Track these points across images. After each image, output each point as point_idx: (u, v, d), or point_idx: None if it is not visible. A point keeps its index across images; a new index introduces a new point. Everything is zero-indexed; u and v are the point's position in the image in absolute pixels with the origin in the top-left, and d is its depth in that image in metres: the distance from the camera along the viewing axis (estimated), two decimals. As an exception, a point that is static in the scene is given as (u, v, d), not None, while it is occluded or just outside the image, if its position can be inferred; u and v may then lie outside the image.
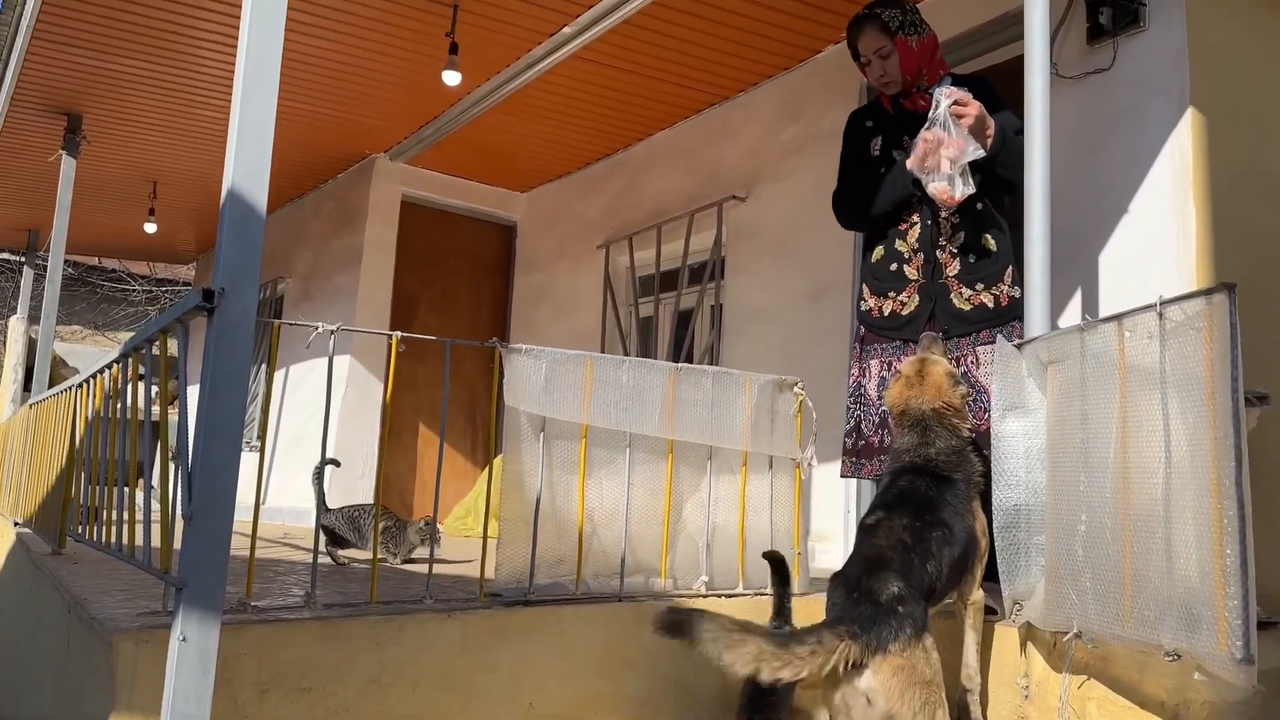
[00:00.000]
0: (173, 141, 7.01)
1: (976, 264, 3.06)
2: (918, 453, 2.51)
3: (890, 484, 2.48)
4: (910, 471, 2.48)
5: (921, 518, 2.35)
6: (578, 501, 2.93)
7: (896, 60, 3.15)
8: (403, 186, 7.45)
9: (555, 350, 2.93)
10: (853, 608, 2.13)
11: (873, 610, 2.10)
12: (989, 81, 3.26)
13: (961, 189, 2.88)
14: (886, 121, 3.29)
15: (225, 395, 1.89)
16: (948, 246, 3.08)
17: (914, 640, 2.09)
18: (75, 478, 3.63)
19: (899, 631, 2.09)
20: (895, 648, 2.09)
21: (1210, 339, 1.88)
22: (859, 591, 2.16)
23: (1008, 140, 3.01)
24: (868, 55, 3.20)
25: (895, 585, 2.17)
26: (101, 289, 16.24)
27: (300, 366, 7.63)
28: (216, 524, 1.85)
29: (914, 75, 3.18)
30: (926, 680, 2.12)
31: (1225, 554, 1.77)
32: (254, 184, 1.98)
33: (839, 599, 2.20)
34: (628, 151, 6.77)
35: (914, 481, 2.46)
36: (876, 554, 2.26)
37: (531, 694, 2.62)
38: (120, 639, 2.09)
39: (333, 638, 2.36)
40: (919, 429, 2.55)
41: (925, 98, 3.14)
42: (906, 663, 2.10)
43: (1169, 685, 2.22)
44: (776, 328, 5.29)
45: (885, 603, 2.13)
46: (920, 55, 3.17)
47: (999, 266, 3.08)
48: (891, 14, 3.15)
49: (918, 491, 2.43)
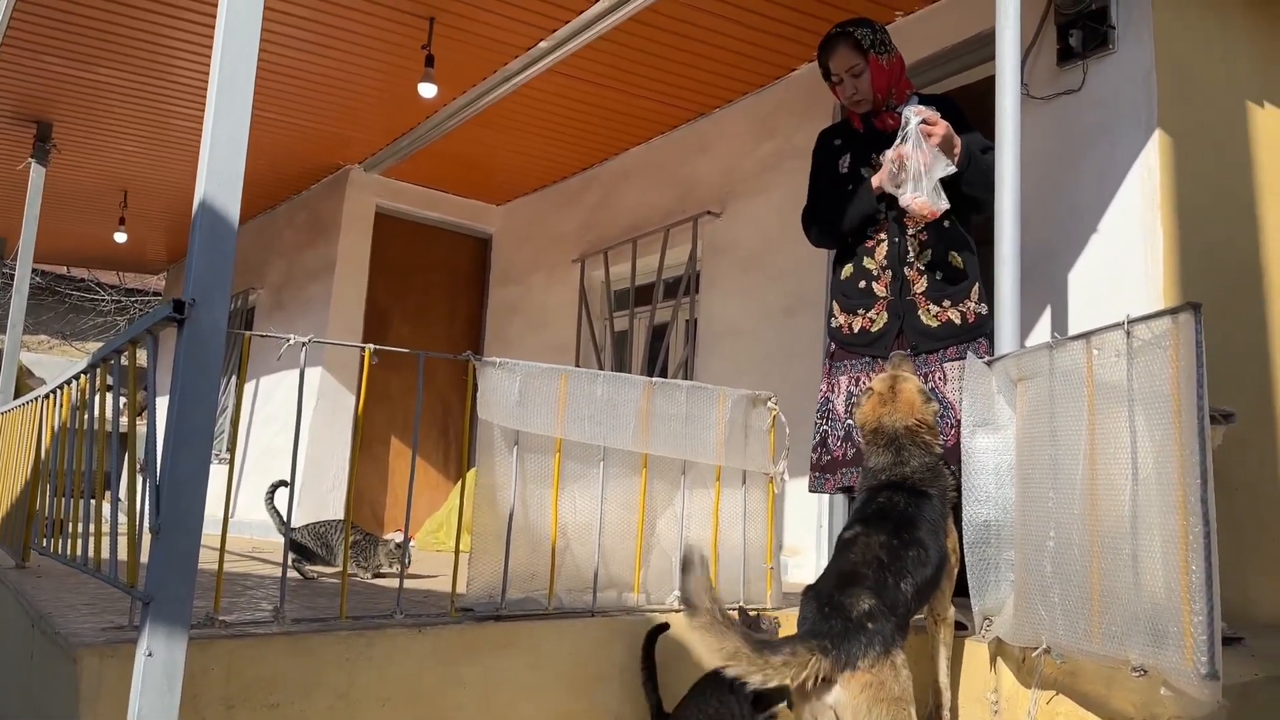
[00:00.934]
0: (145, 151, 6.96)
1: (944, 281, 3.09)
2: (894, 471, 2.52)
3: (869, 499, 2.48)
4: (889, 488, 2.48)
5: (899, 535, 2.36)
6: (551, 516, 2.92)
7: (868, 78, 3.20)
8: (377, 198, 7.43)
9: (529, 364, 2.93)
10: (823, 622, 2.13)
11: (843, 626, 2.10)
12: (956, 102, 3.30)
13: (939, 203, 2.91)
14: (855, 140, 3.33)
15: (194, 408, 1.87)
16: (915, 264, 3.11)
17: (883, 657, 2.10)
18: (40, 490, 3.57)
19: (868, 648, 2.09)
20: (864, 664, 2.09)
21: (1177, 357, 1.90)
22: (830, 606, 2.16)
23: (975, 159, 3.05)
24: (839, 73, 3.24)
25: (867, 602, 2.17)
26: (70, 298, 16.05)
27: (271, 378, 7.57)
28: (184, 538, 1.83)
29: (884, 94, 3.22)
30: (895, 697, 2.12)
31: (1191, 570, 1.79)
32: (226, 194, 1.96)
33: (810, 613, 2.19)
34: (603, 166, 6.79)
35: (893, 498, 2.46)
36: (851, 569, 2.26)
37: (503, 710, 2.60)
38: (85, 654, 2.06)
39: (301, 653, 2.34)
40: (893, 447, 2.55)
41: (894, 116, 3.19)
42: (875, 679, 2.11)
43: (1136, 700, 2.23)
44: (750, 343, 5.31)
45: (856, 619, 2.13)
46: (890, 74, 3.22)
47: (966, 284, 3.12)
48: (863, 32, 3.20)
49: (897, 509, 2.43)
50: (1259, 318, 3.77)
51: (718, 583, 3.20)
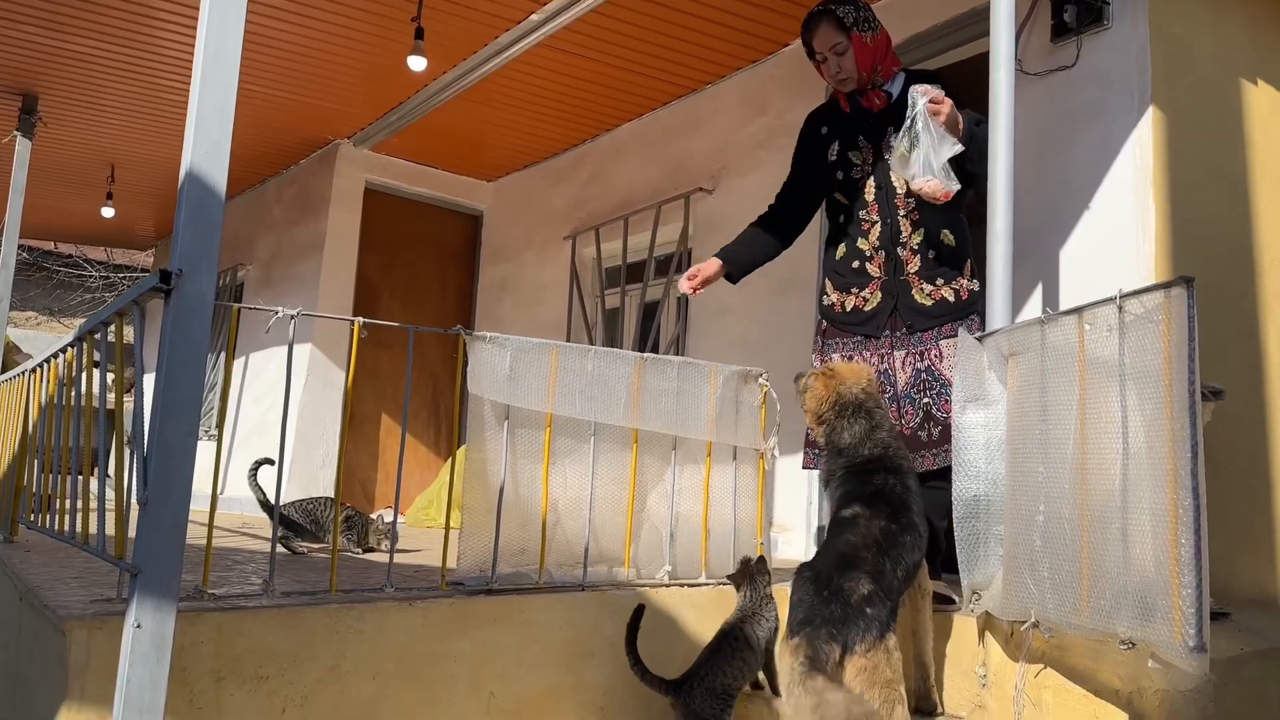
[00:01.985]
0: (132, 124, 6.89)
1: (936, 260, 3.07)
2: (873, 439, 2.52)
3: (862, 479, 2.47)
4: (880, 468, 2.49)
5: (897, 519, 2.38)
6: (541, 491, 2.91)
7: (852, 56, 3.13)
8: (367, 173, 7.37)
9: (520, 339, 2.92)
10: (823, 606, 2.16)
11: (843, 610, 2.14)
12: (943, 78, 3.27)
13: (950, 184, 2.87)
14: (842, 124, 3.26)
15: (181, 379, 1.86)
16: (908, 244, 3.09)
17: (878, 642, 2.14)
18: (28, 465, 3.55)
19: (865, 633, 2.14)
20: (860, 649, 2.13)
21: (1168, 332, 1.90)
22: (829, 590, 2.18)
23: (974, 135, 3.02)
24: (823, 52, 3.19)
25: (866, 586, 2.20)
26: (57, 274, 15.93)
27: (260, 354, 7.54)
28: (172, 509, 1.82)
29: (869, 71, 3.16)
30: (887, 680, 2.16)
31: (1180, 544, 1.80)
32: (213, 165, 1.94)
33: (807, 594, 2.21)
34: (595, 142, 6.75)
35: (888, 481, 2.46)
36: (850, 552, 2.27)
37: (493, 683, 2.60)
38: (73, 626, 2.06)
39: (291, 626, 2.33)
40: (862, 414, 2.56)
41: (880, 95, 3.15)
42: (870, 663, 2.13)
43: (1123, 674, 2.25)
44: (742, 321, 5.30)
45: (855, 603, 2.16)
46: (874, 51, 3.16)
47: (958, 261, 3.10)
48: (846, 10, 3.13)
49: (893, 492, 2.44)
50: (1249, 295, 3.78)
51: (708, 558, 3.21)
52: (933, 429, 2.99)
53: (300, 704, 2.30)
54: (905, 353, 3.07)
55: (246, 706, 2.23)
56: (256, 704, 2.25)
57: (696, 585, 3.12)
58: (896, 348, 3.08)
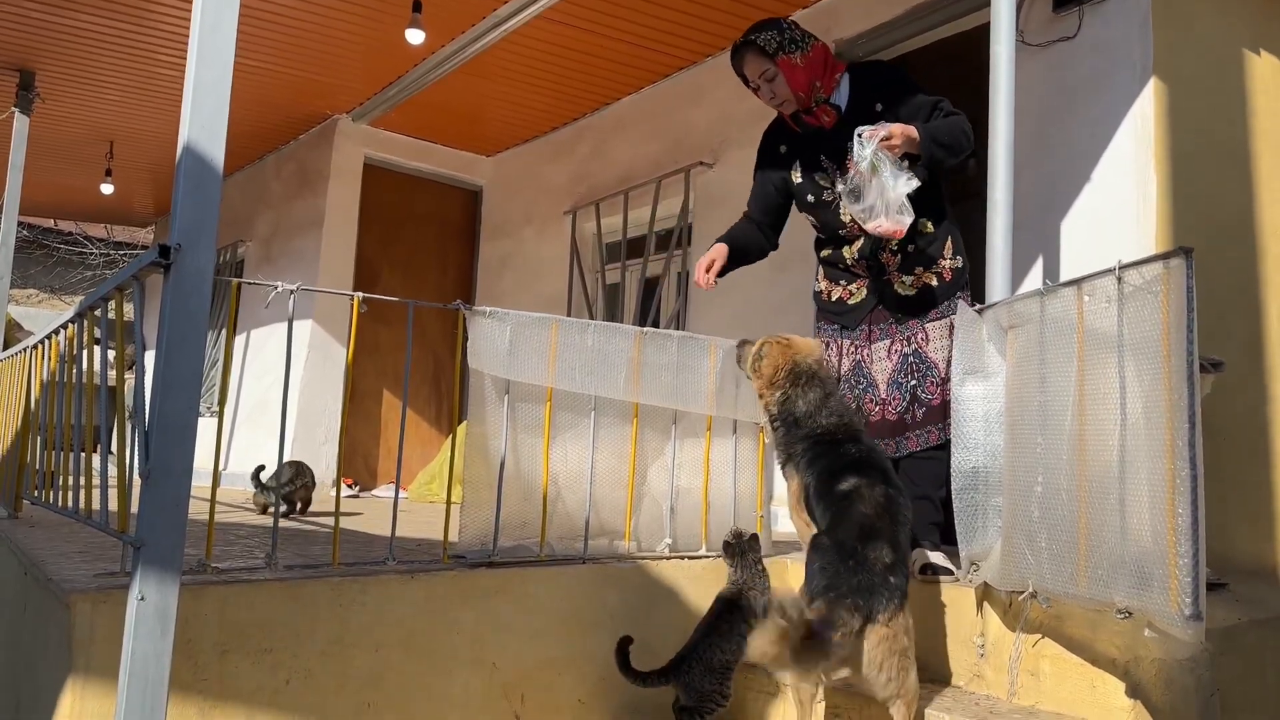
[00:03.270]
0: (130, 100, 6.85)
1: (915, 252, 3.04)
2: (829, 408, 2.53)
3: (836, 449, 2.47)
4: (848, 439, 2.49)
5: (891, 484, 2.41)
6: (542, 464, 2.92)
7: (783, 81, 3.03)
8: (365, 148, 7.34)
9: (520, 313, 2.92)
10: (850, 575, 2.18)
11: (869, 580, 2.17)
12: (895, 69, 3.21)
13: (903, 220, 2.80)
14: (799, 143, 3.19)
15: (182, 353, 1.86)
16: (888, 247, 3.05)
17: (898, 610, 2.18)
18: (31, 441, 3.57)
19: (889, 602, 2.18)
20: (883, 618, 2.17)
21: (1167, 303, 1.90)
22: (855, 559, 2.20)
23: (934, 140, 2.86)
24: (755, 80, 3.10)
25: (889, 555, 2.23)
26: (58, 252, 15.91)
27: (261, 331, 7.54)
28: (174, 483, 1.83)
29: (806, 90, 3.05)
30: (904, 648, 2.20)
31: (1178, 513, 1.81)
32: (211, 140, 1.94)
33: (830, 562, 2.22)
34: (595, 116, 6.71)
35: (860, 447, 2.48)
36: (868, 522, 2.29)
37: (495, 654, 2.63)
38: (77, 599, 2.07)
39: (295, 599, 2.35)
40: (815, 384, 2.56)
41: (828, 111, 3.07)
42: (890, 632, 2.17)
43: (1120, 643, 2.27)
44: (742, 296, 5.29)
45: (880, 572, 2.19)
46: (809, 70, 3.04)
47: (937, 245, 3.04)
48: (767, 37, 3.03)
49: (872, 459, 2.46)
50: (1250, 267, 3.77)
51: (708, 532, 3.23)
52: (917, 411, 2.99)
53: (304, 676, 2.32)
54: (890, 341, 3.06)
55: (250, 678, 2.25)
56: (260, 676, 2.27)
57: (697, 558, 3.14)
58: (878, 339, 3.07)
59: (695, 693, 2.56)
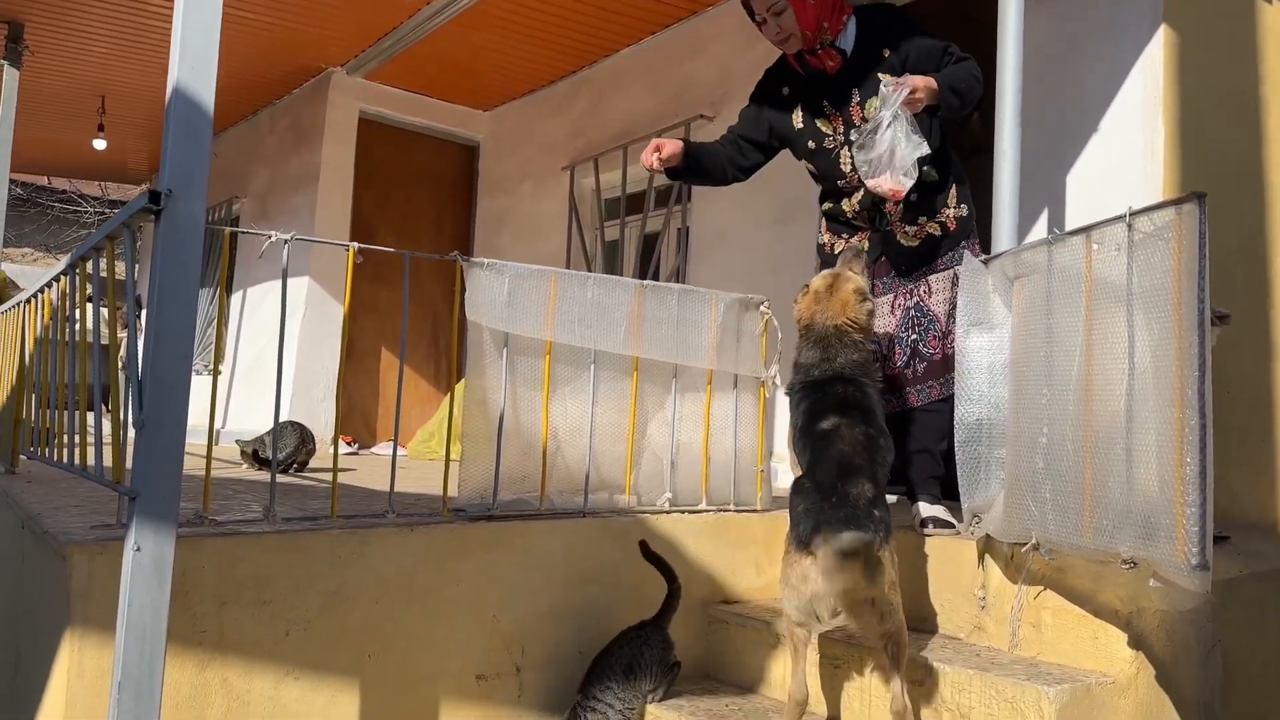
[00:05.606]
0: (121, 53, 6.75)
1: (919, 200, 2.98)
2: (822, 368, 2.50)
3: (823, 389, 2.45)
4: (836, 380, 2.47)
5: (872, 423, 2.39)
6: (542, 418, 2.90)
7: (792, 16, 2.92)
8: (360, 103, 7.25)
9: (518, 265, 2.88)
10: (833, 511, 2.17)
11: (853, 513, 2.16)
12: (904, 13, 3.10)
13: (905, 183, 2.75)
14: (802, 87, 3.09)
15: (174, 302, 1.82)
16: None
17: (884, 543, 2.17)
18: (26, 396, 3.54)
19: (874, 534, 2.16)
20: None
21: (1179, 249, 1.86)
22: (836, 496, 2.20)
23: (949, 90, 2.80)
24: (761, 14, 2.98)
25: (870, 489, 2.23)
26: (52, 210, 15.80)
27: (258, 289, 7.50)
28: (168, 433, 1.80)
29: (814, 29, 2.94)
30: (891, 581, 2.19)
31: (1186, 462, 1.78)
32: (200, 80, 1.88)
33: (813, 503, 2.22)
34: (593, 69, 6.61)
35: (847, 389, 2.44)
36: (846, 459, 2.28)
37: (496, 606, 2.62)
38: (74, 551, 2.06)
39: (293, 551, 2.34)
40: (820, 345, 2.52)
41: (832, 54, 2.98)
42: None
43: (1123, 595, 2.26)
44: (743, 251, 5.25)
45: (863, 506, 2.19)
46: (818, 9, 2.92)
47: (941, 194, 2.99)
48: None
49: (854, 399, 2.43)
50: (1258, 219, 3.73)
51: (708, 486, 3.21)
52: (918, 366, 2.96)
53: (303, 627, 2.31)
54: (894, 295, 3.02)
55: (250, 630, 2.24)
56: (260, 628, 2.26)
57: (697, 512, 3.13)
58: (882, 293, 3.03)
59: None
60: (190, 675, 2.16)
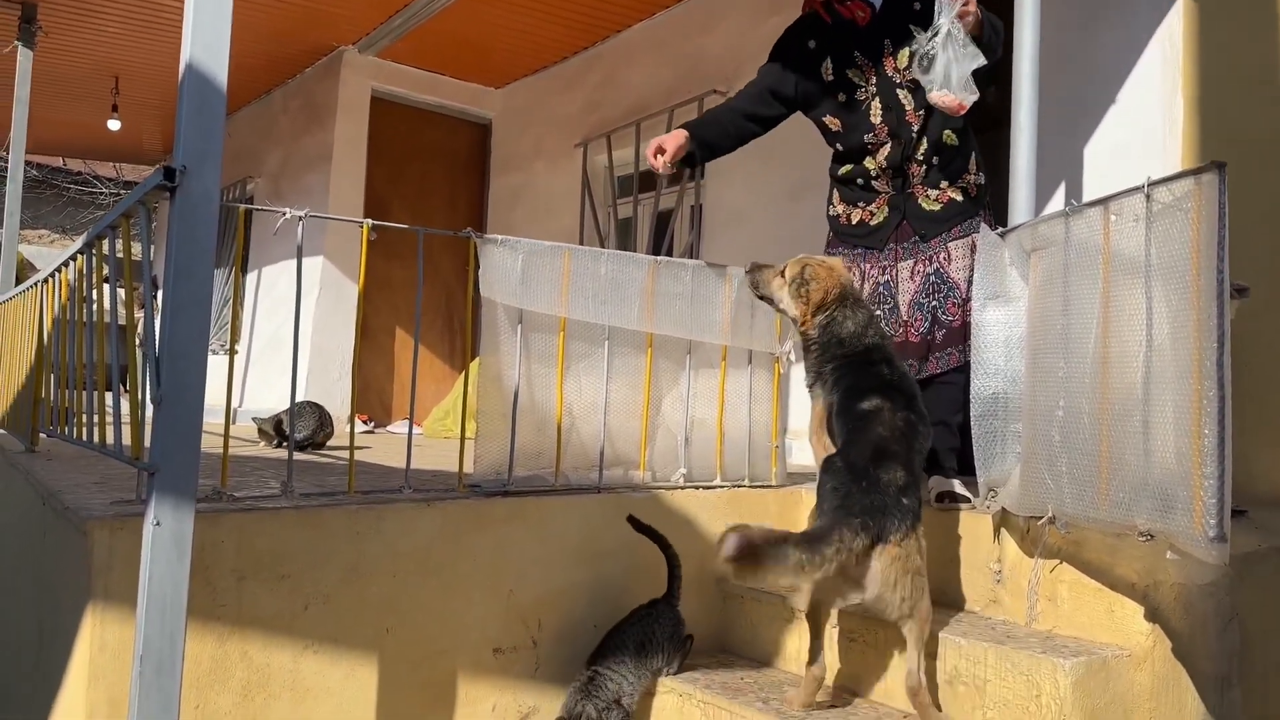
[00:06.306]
0: (134, 33, 6.75)
1: (941, 163, 2.96)
2: (874, 327, 2.51)
3: (866, 370, 2.44)
4: (882, 361, 2.47)
5: (914, 409, 2.39)
6: (556, 395, 2.91)
7: None
8: (373, 81, 7.23)
9: (532, 241, 2.88)
10: (862, 496, 2.17)
11: (881, 500, 2.16)
12: None
13: (968, 97, 2.74)
14: (830, 38, 3.05)
15: (190, 277, 1.83)
16: (914, 157, 2.98)
17: (911, 531, 2.18)
18: (45, 376, 3.57)
19: (901, 523, 2.17)
20: (895, 538, 2.16)
21: (1198, 219, 1.85)
22: (867, 480, 2.19)
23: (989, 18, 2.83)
24: None
25: (901, 476, 2.22)
26: (68, 192, 15.87)
27: (273, 269, 7.52)
28: (186, 408, 1.81)
29: None
30: (917, 568, 2.20)
31: (1204, 434, 1.77)
32: (213, 57, 1.88)
33: (843, 482, 2.21)
34: (605, 44, 6.58)
35: (892, 371, 2.46)
36: (882, 443, 2.27)
37: (512, 580, 2.64)
38: (94, 526, 2.08)
39: (311, 526, 2.36)
40: (861, 308, 2.53)
41: (861, 6, 2.96)
42: (903, 552, 2.17)
43: (1140, 568, 2.25)
44: (756, 227, 5.23)
45: (893, 494, 2.18)
46: None
47: (962, 159, 2.98)
48: None
49: (901, 383, 2.44)
50: (1276, 193, 3.68)
51: (722, 462, 3.22)
52: (938, 333, 2.95)
53: (322, 602, 2.33)
54: (914, 261, 3.00)
55: (269, 604, 2.26)
56: (279, 602, 2.28)
57: (711, 488, 3.13)
58: (903, 258, 3.02)
59: None
60: (211, 648, 2.18)
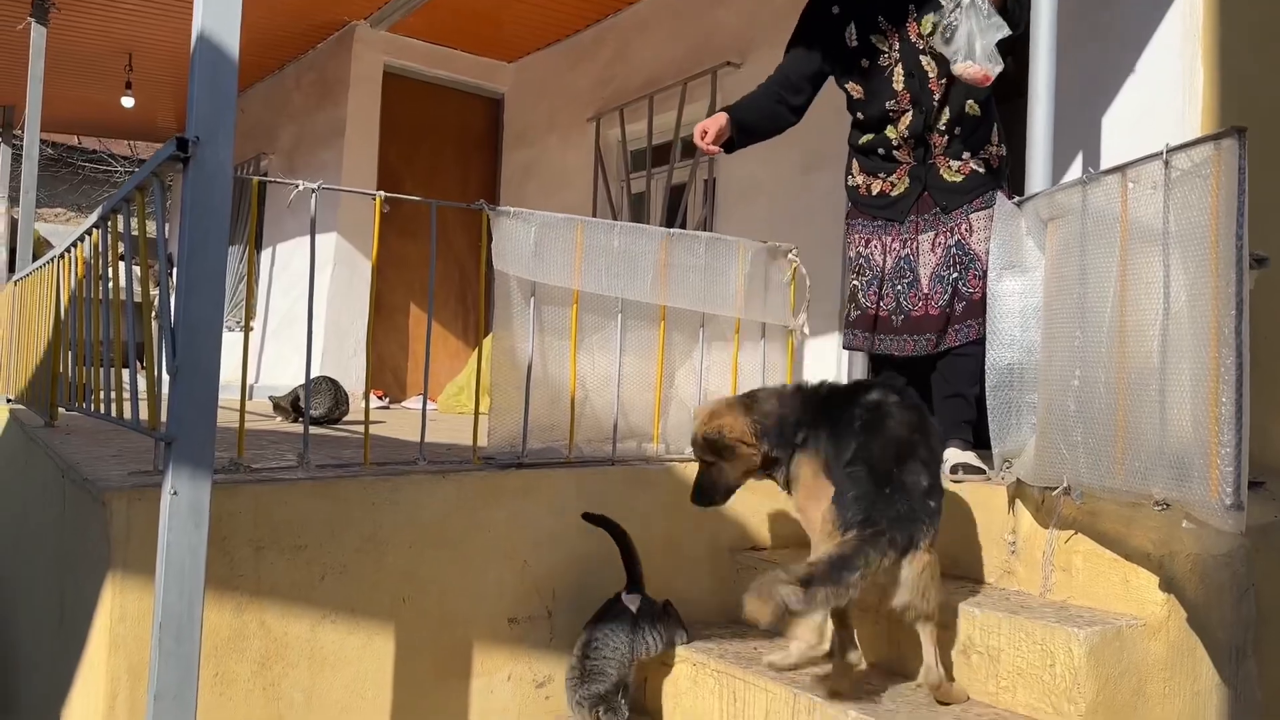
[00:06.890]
0: (147, 9, 6.74)
1: (962, 134, 2.95)
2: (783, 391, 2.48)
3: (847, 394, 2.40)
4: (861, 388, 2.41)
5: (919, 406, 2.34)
6: (570, 367, 2.91)
7: None
8: (385, 56, 7.21)
9: (544, 213, 2.87)
10: (887, 506, 2.08)
11: (908, 508, 2.10)
12: None
13: (993, 67, 2.72)
14: (853, 3, 3.04)
15: (204, 249, 1.83)
16: (936, 126, 2.96)
17: (936, 536, 2.14)
18: (62, 351, 3.59)
19: (929, 528, 2.12)
20: (925, 544, 2.12)
21: (1218, 186, 1.82)
22: (891, 485, 2.11)
23: None
24: None
25: (925, 478, 2.16)
26: (83, 170, 15.94)
27: (287, 245, 7.53)
28: (202, 379, 1.82)
29: None
30: (941, 573, 2.17)
31: (1221, 402, 1.76)
32: (224, 28, 1.87)
33: (865, 490, 2.11)
34: (618, 16, 6.53)
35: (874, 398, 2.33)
36: (904, 442, 2.20)
37: (527, 552, 2.65)
38: (112, 497, 2.10)
39: (328, 497, 2.37)
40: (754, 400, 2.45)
41: None
42: (932, 559, 2.13)
43: (1155, 538, 2.25)
44: (770, 201, 5.20)
45: (919, 498, 2.13)
46: None
47: (984, 129, 2.97)
48: None
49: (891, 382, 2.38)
50: (1298, 162, 3.63)
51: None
52: (958, 305, 2.93)
53: (339, 572, 2.35)
54: (935, 233, 2.99)
55: (286, 574, 2.29)
56: (296, 572, 2.30)
57: (726, 460, 3.13)
58: (924, 230, 3.00)
59: None
60: (229, 618, 2.20)
